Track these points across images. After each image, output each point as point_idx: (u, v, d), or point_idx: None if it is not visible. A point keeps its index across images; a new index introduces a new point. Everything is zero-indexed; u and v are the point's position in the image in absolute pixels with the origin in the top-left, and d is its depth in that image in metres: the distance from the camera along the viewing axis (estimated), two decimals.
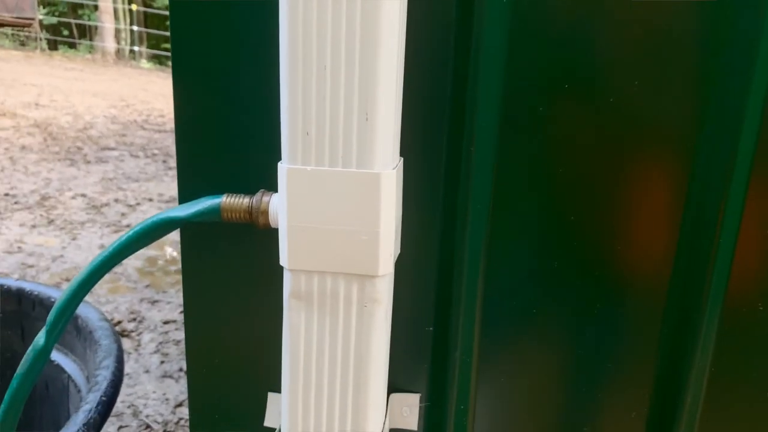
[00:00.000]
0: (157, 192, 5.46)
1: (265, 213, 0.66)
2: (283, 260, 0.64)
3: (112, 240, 4.41)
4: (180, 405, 2.65)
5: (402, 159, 0.65)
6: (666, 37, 0.63)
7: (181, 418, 2.58)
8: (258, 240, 0.73)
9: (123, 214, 4.82)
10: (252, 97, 0.68)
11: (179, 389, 2.76)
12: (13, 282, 1.69)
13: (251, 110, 0.68)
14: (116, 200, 5.12)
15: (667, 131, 0.65)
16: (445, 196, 0.70)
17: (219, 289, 0.75)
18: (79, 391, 1.51)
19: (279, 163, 0.62)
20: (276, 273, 0.68)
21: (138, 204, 5.09)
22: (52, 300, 1.63)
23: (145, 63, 14.84)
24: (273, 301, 0.73)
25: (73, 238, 4.30)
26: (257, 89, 0.67)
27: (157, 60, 14.98)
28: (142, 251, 4.15)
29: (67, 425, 1.18)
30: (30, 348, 0.73)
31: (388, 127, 0.60)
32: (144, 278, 3.83)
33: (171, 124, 8.55)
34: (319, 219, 0.62)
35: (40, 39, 15.08)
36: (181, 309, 2.51)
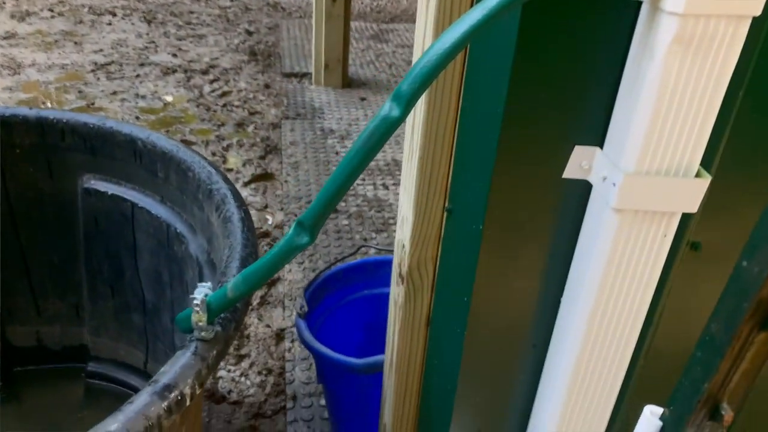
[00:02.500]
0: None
1: None
2: (677, 5, 0.69)
3: None
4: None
5: None
6: None
7: None
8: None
9: None
10: None
11: None
12: (30, 111, 1.43)
13: None
14: None
15: None
16: None
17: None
18: (158, 217, 1.40)
19: None
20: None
21: None
22: (90, 125, 1.42)
23: None
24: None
25: None
26: None
27: None
28: None
29: (230, 257, 1.10)
30: (377, 121, 0.70)
31: None
32: None
33: None
34: None
35: None
36: None
